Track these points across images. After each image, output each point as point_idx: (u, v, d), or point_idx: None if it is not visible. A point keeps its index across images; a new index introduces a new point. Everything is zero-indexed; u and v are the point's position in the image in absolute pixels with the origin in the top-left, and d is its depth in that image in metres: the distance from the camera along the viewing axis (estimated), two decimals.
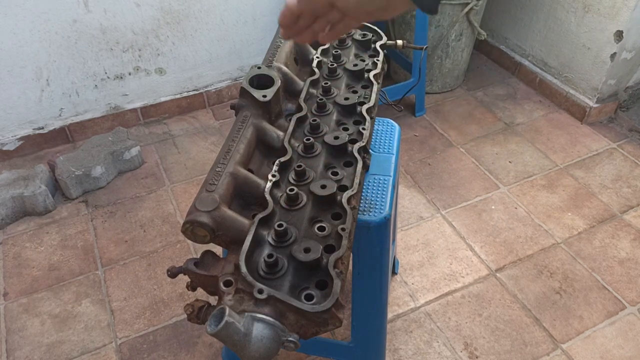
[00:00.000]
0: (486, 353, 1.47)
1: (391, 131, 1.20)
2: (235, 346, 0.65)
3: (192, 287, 0.79)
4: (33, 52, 1.95)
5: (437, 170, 2.06)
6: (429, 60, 2.34)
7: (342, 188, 0.85)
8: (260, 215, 0.79)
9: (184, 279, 0.77)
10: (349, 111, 1.01)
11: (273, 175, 0.86)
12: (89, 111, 2.20)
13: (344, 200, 0.82)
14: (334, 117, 1.01)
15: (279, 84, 0.96)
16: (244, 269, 0.71)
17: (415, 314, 1.57)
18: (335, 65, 1.10)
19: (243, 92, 0.95)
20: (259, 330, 0.67)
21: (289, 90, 1.03)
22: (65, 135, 2.20)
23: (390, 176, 1.07)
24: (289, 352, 1.47)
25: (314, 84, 1.06)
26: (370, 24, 1.22)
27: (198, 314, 0.74)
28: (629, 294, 1.61)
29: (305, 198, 0.84)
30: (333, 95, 1.04)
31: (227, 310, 0.64)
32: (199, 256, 0.78)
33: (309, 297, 0.71)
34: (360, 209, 0.98)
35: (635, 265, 1.69)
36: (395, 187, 1.09)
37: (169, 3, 2.07)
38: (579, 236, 1.79)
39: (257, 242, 0.77)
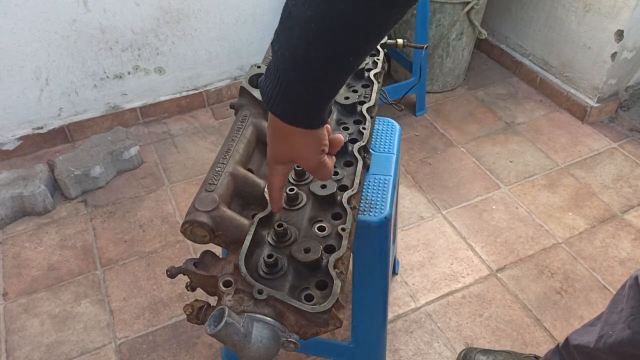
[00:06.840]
0: None
1: (391, 131, 1.20)
2: (234, 347, 0.65)
3: (191, 287, 0.79)
4: (32, 52, 1.95)
5: (437, 170, 2.06)
6: (430, 60, 2.34)
7: (342, 188, 0.85)
8: (259, 215, 0.78)
9: (183, 279, 0.76)
10: (349, 110, 1.01)
11: None
12: (88, 111, 2.20)
13: (344, 200, 0.82)
14: (334, 116, 1.00)
15: None
16: (243, 269, 0.70)
17: (415, 315, 1.56)
18: None
19: (243, 92, 0.94)
20: (258, 330, 0.66)
21: None
22: (65, 135, 2.20)
23: (390, 176, 1.06)
24: (289, 353, 1.46)
25: None
26: None
27: (197, 314, 0.74)
28: None
29: (305, 198, 0.84)
30: None
31: (227, 310, 0.63)
32: (198, 256, 0.78)
33: (309, 298, 0.71)
34: (361, 209, 0.97)
35: (636, 265, 1.69)
36: (395, 187, 1.08)
37: (168, 2, 2.06)
38: (579, 236, 1.79)
39: (257, 242, 0.77)
